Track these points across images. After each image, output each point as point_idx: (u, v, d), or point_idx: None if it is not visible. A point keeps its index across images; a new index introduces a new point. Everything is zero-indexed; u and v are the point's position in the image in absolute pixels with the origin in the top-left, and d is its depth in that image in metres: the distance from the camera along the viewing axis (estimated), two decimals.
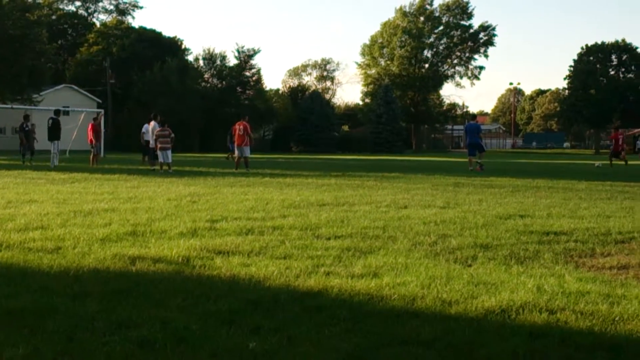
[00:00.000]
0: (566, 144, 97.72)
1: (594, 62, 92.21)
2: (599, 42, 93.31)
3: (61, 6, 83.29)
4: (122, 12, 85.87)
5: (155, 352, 3.76)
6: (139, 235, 7.58)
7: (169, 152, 22.36)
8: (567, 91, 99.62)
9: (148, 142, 24.81)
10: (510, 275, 5.67)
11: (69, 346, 3.83)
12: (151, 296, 4.89)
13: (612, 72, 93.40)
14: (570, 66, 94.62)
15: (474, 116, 29.40)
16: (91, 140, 27.49)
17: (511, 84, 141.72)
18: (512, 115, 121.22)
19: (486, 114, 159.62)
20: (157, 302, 4.72)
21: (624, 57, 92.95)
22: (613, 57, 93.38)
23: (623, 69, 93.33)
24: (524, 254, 6.63)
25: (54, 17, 78.09)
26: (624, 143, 30.18)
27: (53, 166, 23.92)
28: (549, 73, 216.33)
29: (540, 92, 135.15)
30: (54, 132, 25.59)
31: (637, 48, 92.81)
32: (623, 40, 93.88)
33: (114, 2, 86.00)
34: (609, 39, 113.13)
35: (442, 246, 7.04)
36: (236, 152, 23.61)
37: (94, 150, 27.17)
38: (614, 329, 4.19)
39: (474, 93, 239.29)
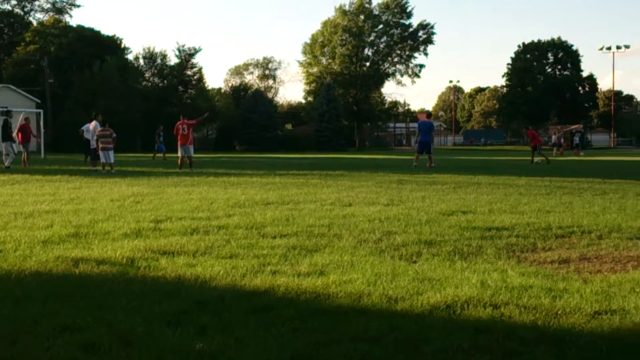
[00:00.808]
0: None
1: (530, 60, 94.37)
2: (536, 40, 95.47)
3: None
4: (59, 10, 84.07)
5: (100, 355, 3.69)
6: (81, 237, 7.43)
7: (111, 153, 22.03)
8: (505, 89, 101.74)
9: (89, 141, 24.41)
10: (454, 271, 5.75)
11: (11, 351, 3.73)
12: (95, 299, 4.80)
13: (549, 70, 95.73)
14: (508, 64, 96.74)
15: (429, 114, 29.65)
16: (21, 141, 27.08)
17: (451, 81, 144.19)
18: (453, 112, 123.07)
19: (427, 111, 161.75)
20: (102, 305, 4.63)
21: (560, 54, 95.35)
22: (549, 54, 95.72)
23: (559, 67, 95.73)
24: (467, 250, 6.73)
25: None
26: (538, 139, 31.16)
27: (5, 167, 23.54)
28: (488, 71, 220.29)
29: (480, 90, 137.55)
30: (5, 131, 25.25)
31: (572, 46, 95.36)
32: (559, 38, 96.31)
33: (50, 0, 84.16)
34: (545, 36, 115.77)
35: (387, 243, 7.09)
36: (179, 151, 23.33)
37: (25, 151, 26.69)
38: (557, 323, 4.28)
39: (415, 91, 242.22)
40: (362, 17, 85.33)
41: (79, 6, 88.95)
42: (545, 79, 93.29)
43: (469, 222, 8.61)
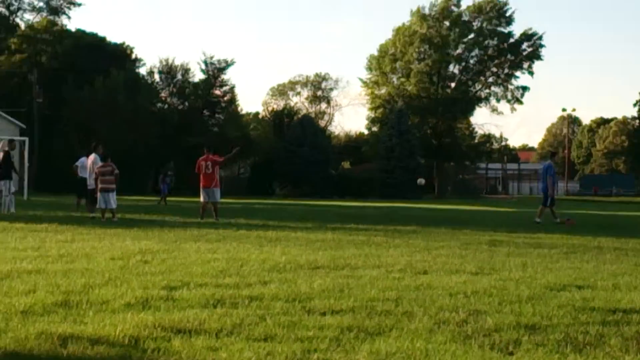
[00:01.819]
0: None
1: None
2: None
3: None
4: (54, 10, 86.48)
5: None
6: (72, 307, 7.53)
7: (112, 195, 22.40)
8: (637, 121, 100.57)
9: (85, 179, 24.84)
10: None
11: None
12: None
13: None
14: None
15: (553, 154, 29.61)
16: None
17: (564, 110, 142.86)
18: (567, 151, 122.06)
19: (532, 149, 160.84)
20: None
21: None
22: None
23: None
24: (584, 339, 6.60)
25: None
26: None
27: (8, 212, 24.09)
28: (614, 97, 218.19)
29: (603, 122, 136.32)
30: (7, 167, 25.58)
31: None
32: None
33: None
34: None
35: (475, 326, 7.01)
36: (202, 196, 23.53)
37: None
38: None
39: (515, 121, 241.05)
40: (446, 23, 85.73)
41: (79, 5, 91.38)
42: None
43: (585, 300, 8.46)
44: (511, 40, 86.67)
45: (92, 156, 24.14)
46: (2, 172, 25.19)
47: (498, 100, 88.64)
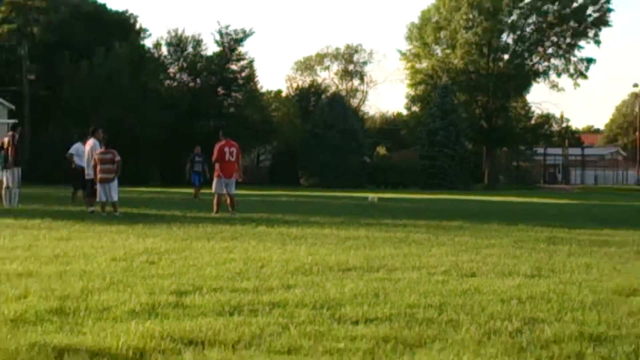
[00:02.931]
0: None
1: None
2: None
3: None
4: None
5: None
6: (68, 314, 7.59)
7: (113, 186, 22.47)
8: None
9: (82, 169, 24.92)
10: None
11: None
12: None
13: None
14: None
15: None
16: None
17: (636, 86, 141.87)
18: (638, 133, 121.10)
19: (597, 130, 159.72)
20: None
21: None
22: None
23: None
24: None
25: None
26: None
27: (10, 205, 24.62)
28: None
29: None
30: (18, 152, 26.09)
31: None
32: None
33: None
34: None
35: (531, 337, 7.01)
36: (216, 186, 23.40)
37: None
38: None
39: (579, 99, 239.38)
40: None
41: None
42: None
43: None
44: (574, 4, 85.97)
45: (91, 141, 24.04)
46: (14, 159, 25.66)
47: (559, 75, 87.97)
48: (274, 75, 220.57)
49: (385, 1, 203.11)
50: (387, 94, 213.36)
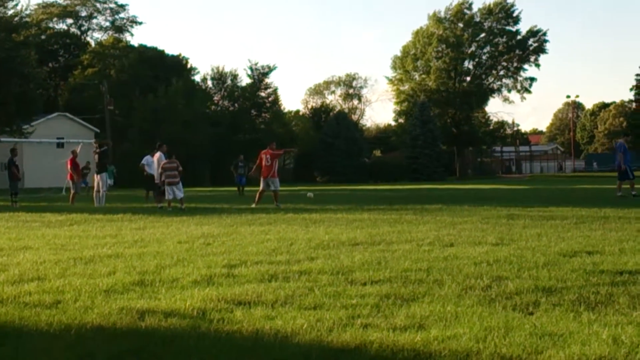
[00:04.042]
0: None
1: None
2: None
3: (51, 24, 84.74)
4: (119, 29, 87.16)
5: None
6: (147, 285, 7.61)
7: (178, 187, 22.64)
8: (634, 104, 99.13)
9: (152, 176, 25.02)
10: (580, 324, 5.60)
11: None
12: (164, 357, 4.90)
13: None
14: (637, 74, 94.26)
15: (625, 134, 28.87)
16: (71, 176, 28.22)
17: (568, 97, 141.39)
18: (572, 133, 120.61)
19: (541, 132, 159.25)
20: None
21: None
22: None
23: None
24: (595, 298, 6.54)
25: (43, 37, 79.43)
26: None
27: (99, 204, 24.76)
28: (613, 83, 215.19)
29: (603, 106, 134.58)
30: (102, 163, 26.17)
31: None
32: None
33: (109, 18, 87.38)
34: None
35: (498, 290, 6.97)
36: (262, 184, 23.39)
37: (73, 188, 27.75)
38: None
39: (525, 109, 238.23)
40: (460, 24, 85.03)
41: (140, 23, 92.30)
42: None
43: (595, 264, 8.38)
44: (518, 37, 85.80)
45: (157, 154, 24.31)
46: (99, 167, 25.79)
47: (509, 91, 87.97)
48: (293, 98, 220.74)
49: (375, 39, 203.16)
50: (379, 110, 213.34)
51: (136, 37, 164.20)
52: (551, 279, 7.48)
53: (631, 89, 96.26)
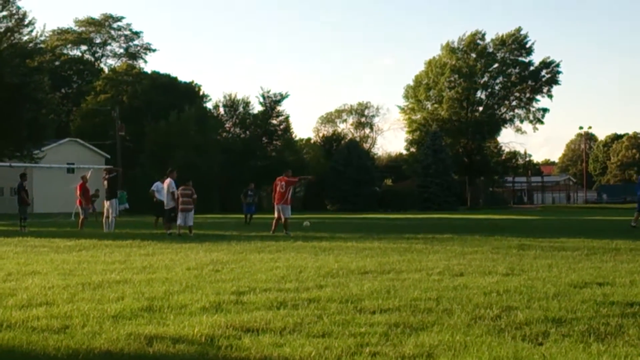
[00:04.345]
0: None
1: None
2: None
3: (65, 51, 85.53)
4: (132, 56, 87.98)
5: None
6: (155, 311, 7.62)
7: (190, 214, 22.77)
8: None
9: (162, 202, 25.09)
10: (589, 355, 5.58)
11: None
12: None
13: None
14: None
15: None
16: (80, 202, 28.34)
17: (581, 128, 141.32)
18: (584, 164, 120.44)
19: (553, 163, 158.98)
20: None
21: None
22: None
23: None
24: (605, 330, 6.52)
25: (57, 62, 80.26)
26: None
27: (108, 230, 24.85)
28: (626, 115, 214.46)
29: (616, 137, 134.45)
30: (112, 189, 26.26)
31: None
32: None
33: (123, 45, 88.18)
34: None
35: (507, 320, 6.96)
36: (275, 211, 23.41)
37: (82, 213, 27.84)
38: None
39: (537, 139, 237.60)
40: (473, 55, 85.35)
41: (154, 50, 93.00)
42: None
43: (605, 296, 8.36)
44: (531, 68, 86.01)
45: (168, 180, 24.33)
46: (109, 193, 25.88)
47: (521, 121, 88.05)
48: (305, 126, 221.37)
49: (387, 69, 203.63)
50: (391, 139, 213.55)
51: (149, 64, 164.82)
52: (561, 310, 7.46)
53: None
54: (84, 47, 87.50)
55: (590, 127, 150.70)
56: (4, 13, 50.47)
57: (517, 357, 5.49)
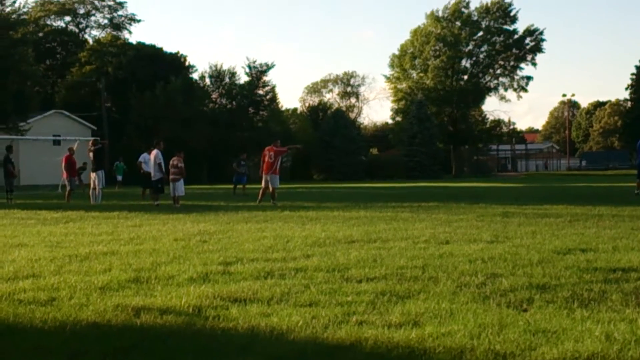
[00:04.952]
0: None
1: None
2: None
3: (49, 22, 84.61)
4: (117, 26, 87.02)
5: None
6: (143, 282, 7.61)
7: (179, 184, 23.19)
8: (629, 103, 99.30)
9: (149, 173, 24.99)
10: (573, 321, 5.61)
11: None
12: (159, 354, 4.89)
13: None
14: (633, 74, 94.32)
15: None
16: (66, 174, 28.21)
17: (564, 95, 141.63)
18: (567, 132, 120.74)
19: (537, 131, 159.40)
20: None
21: None
22: None
23: None
24: (588, 295, 6.56)
25: (40, 34, 79.33)
26: None
27: (95, 202, 24.76)
28: (608, 82, 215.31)
29: (599, 105, 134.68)
30: (98, 161, 26.08)
31: None
32: None
33: (108, 15, 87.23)
34: None
35: (492, 288, 6.98)
36: (263, 181, 23.38)
37: (69, 185, 27.71)
38: None
39: (522, 107, 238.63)
40: (458, 23, 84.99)
41: (139, 21, 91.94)
42: None
43: (589, 262, 8.40)
44: (515, 36, 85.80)
45: (154, 151, 24.20)
46: (95, 165, 25.74)
47: (506, 90, 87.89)
48: (291, 96, 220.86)
49: (372, 38, 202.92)
50: (377, 108, 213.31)
51: (134, 35, 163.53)
52: (545, 276, 7.50)
53: (627, 88, 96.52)
54: (67, 18, 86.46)
55: (573, 95, 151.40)
56: None
57: (502, 324, 5.51)
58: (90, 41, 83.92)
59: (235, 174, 33.82)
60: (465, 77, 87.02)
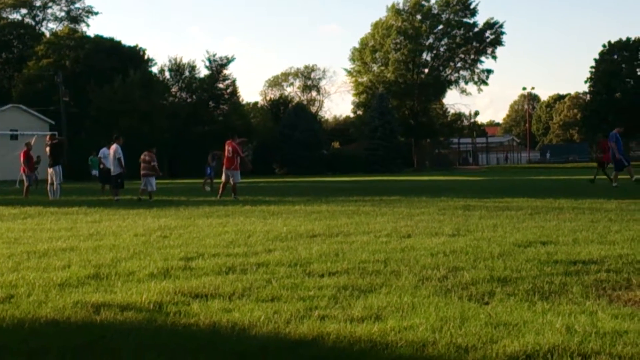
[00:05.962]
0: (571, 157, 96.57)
1: (618, 62, 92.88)
2: (624, 39, 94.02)
3: (4, 14, 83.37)
4: (74, 19, 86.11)
5: None
6: (102, 279, 7.54)
7: (150, 179, 23.71)
8: (588, 96, 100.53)
9: (109, 169, 24.80)
10: (534, 313, 5.67)
11: None
12: (119, 351, 4.85)
13: None
14: (592, 67, 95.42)
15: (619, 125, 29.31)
16: (24, 169, 27.89)
17: (524, 89, 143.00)
18: (527, 124, 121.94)
19: (497, 124, 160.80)
20: (127, 358, 4.68)
21: None
22: None
23: None
24: (549, 288, 6.63)
25: None
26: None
27: (54, 197, 24.39)
28: (568, 75, 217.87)
29: (559, 98, 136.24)
30: (56, 156, 25.63)
31: None
32: None
33: (65, 8, 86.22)
34: (635, 34, 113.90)
35: (454, 281, 7.03)
36: (223, 176, 23.24)
37: (26, 181, 27.40)
38: None
39: (483, 101, 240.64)
40: (418, 16, 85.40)
41: (96, 13, 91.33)
42: (637, 83, 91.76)
43: (549, 254, 8.49)
44: (475, 29, 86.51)
45: (114, 146, 24.01)
46: (52, 160, 25.26)
47: (466, 83, 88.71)
48: (252, 90, 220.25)
49: (333, 32, 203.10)
50: (338, 102, 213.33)
51: (92, 28, 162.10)
52: (506, 269, 7.56)
53: (586, 81, 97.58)
54: (23, 11, 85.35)
55: (533, 88, 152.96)
56: None
57: (464, 317, 5.54)
58: (47, 34, 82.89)
59: (209, 167, 33.48)
60: (426, 70, 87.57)
